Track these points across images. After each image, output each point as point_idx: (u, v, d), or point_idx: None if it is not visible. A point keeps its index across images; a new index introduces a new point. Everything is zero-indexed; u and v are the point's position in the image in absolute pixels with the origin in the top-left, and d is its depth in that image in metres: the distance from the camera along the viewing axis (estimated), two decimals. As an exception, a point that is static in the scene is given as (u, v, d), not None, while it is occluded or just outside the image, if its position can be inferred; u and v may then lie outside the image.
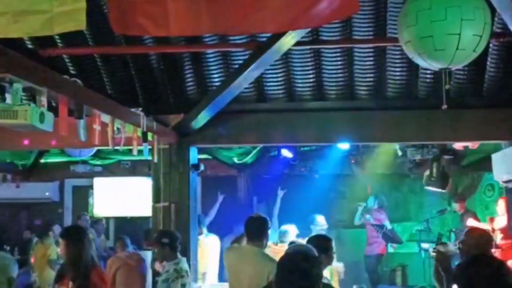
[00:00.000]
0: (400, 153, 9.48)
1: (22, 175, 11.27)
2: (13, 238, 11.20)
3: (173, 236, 5.96)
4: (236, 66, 6.60)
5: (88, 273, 4.65)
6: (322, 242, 4.58)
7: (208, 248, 7.63)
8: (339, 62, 6.74)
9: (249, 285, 5.12)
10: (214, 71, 6.92)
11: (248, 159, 10.19)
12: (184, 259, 5.99)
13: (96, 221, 10.10)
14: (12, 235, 11.37)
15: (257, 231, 5.35)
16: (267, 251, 7.73)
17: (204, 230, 7.76)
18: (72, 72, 6.77)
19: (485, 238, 4.84)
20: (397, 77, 6.80)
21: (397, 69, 6.71)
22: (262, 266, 5.01)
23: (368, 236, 10.43)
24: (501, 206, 8.45)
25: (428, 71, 6.46)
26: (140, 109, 5.90)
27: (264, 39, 6.06)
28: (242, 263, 5.29)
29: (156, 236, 6.12)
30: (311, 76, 6.90)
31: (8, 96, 3.90)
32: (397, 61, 6.59)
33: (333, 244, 4.72)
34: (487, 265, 2.86)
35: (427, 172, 8.95)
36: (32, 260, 7.82)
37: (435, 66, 4.54)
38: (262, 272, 4.90)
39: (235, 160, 10.31)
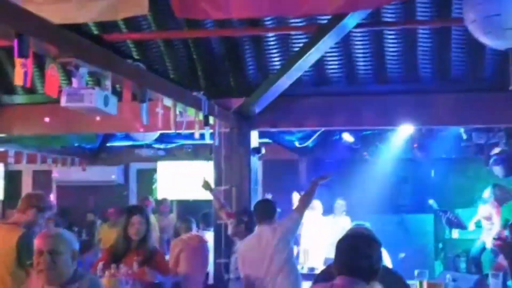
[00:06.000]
0: (465, 136, 9.25)
1: (89, 158, 11.60)
2: (80, 220, 11.53)
3: (252, 217, 6.01)
4: (297, 49, 6.57)
5: (153, 252, 4.84)
6: None
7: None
8: (402, 44, 6.62)
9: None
10: (275, 54, 6.92)
11: (309, 143, 10.15)
12: None
13: (161, 202, 10.28)
14: (80, 217, 11.70)
15: (269, 213, 5.50)
16: None
17: None
18: (136, 56, 6.90)
19: None
20: (462, 58, 6.63)
21: (462, 50, 6.54)
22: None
23: None
24: None
25: (495, 52, 6.26)
26: (202, 92, 5.96)
27: (325, 21, 6.00)
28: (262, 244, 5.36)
29: (238, 211, 6.32)
30: (373, 58, 6.81)
31: (74, 80, 4.01)
32: (462, 41, 6.42)
33: None
34: None
35: (493, 156, 8.71)
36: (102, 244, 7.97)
37: (502, 46, 4.41)
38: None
39: (296, 144, 10.29)
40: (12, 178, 12.29)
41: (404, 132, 9.10)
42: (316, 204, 8.88)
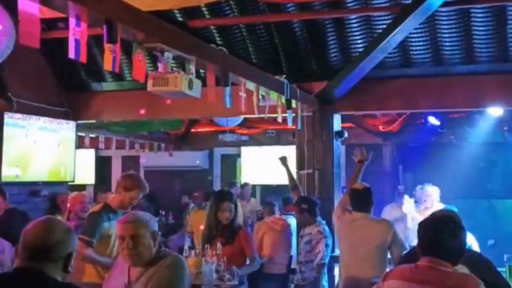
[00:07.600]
0: (559, 119, 8.84)
1: (175, 144, 11.90)
2: (167, 203, 11.85)
3: (310, 202, 6.20)
4: (380, 30, 6.47)
5: (237, 232, 4.98)
6: None
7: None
8: (491, 22, 6.38)
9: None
10: (357, 37, 6.84)
11: (394, 127, 9.99)
12: (324, 222, 6.15)
13: (243, 186, 10.41)
14: (167, 200, 12.03)
15: (371, 203, 5.28)
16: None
17: None
18: (219, 41, 6.99)
19: None
20: (556, 36, 6.33)
21: (556, 27, 6.24)
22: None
23: None
24: None
25: None
26: (284, 76, 5.97)
27: (409, 1, 5.87)
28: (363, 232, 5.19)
29: (295, 202, 6.42)
30: (460, 38, 6.61)
31: (160, 65, 4.12)
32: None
33: None
34: None
35: None
36: (189, 226, 8.11)
37: None
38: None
39: (380, 128, 10.15)
40: (103, 163, 12.78)
41: (493, 114, 8.77)
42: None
